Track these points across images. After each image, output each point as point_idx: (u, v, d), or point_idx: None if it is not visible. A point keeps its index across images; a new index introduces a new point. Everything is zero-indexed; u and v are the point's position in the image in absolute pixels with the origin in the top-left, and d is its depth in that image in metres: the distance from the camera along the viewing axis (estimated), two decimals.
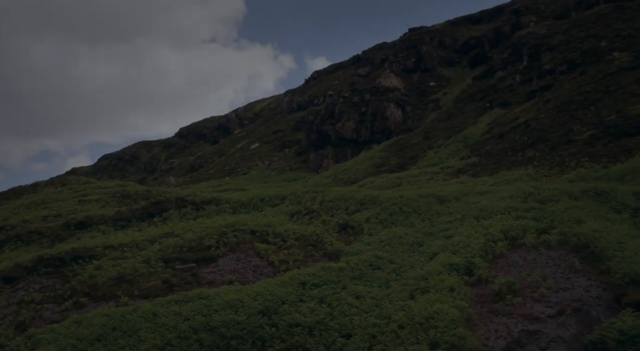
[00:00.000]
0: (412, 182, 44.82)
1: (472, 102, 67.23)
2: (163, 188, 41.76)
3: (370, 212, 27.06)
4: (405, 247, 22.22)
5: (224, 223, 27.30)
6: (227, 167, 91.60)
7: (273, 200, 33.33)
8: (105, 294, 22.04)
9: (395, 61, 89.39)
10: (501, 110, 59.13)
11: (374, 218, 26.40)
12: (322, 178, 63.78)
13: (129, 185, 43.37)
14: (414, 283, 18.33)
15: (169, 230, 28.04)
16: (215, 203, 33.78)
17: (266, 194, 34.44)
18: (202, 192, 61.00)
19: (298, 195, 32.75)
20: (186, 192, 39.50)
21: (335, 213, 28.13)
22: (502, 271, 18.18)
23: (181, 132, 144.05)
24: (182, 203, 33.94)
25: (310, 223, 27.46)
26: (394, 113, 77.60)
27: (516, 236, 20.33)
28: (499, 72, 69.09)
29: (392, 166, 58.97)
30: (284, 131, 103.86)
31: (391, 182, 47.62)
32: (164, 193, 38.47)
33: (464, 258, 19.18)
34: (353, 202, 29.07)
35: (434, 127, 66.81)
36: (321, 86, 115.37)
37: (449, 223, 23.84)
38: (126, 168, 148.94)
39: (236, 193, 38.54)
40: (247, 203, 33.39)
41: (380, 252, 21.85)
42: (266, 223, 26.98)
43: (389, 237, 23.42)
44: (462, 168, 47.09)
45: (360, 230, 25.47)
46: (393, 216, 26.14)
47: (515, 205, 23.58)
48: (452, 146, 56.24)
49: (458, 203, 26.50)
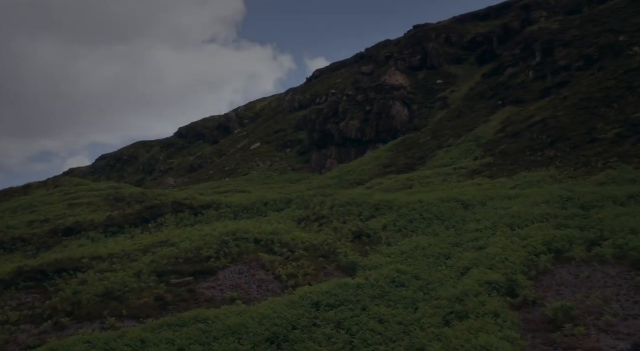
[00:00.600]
0: (424, 184, 42.16)
1: (482, 100, 64.57)
2: (159, 191, 39.15)
3: (387, 218, 24.39)
4: (431, 259, 19.56)
5: (224, 230, 24.65)
6: (227, 168, 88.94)
7: (277, 203, 30.68)
8: (90, 313, 19.40)
9: (400, 58, 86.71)
10: (514, 108, 56.45)
11: (392, 225, 23.74)
12: (327, 179, 61.10)
13: (123, 187, 40.72)
14: (447, 304, 15.66)
15: (163, 237, 25.38)
16: (214, 207, 31.13)
17: (270, 197, 31.80)
18: (201, 194, 58.32)
19: (305, 198, 30.11)
20: (183, 194, 36.85)
21: (347, 219, 25.48)
22: (551, 292, 15.53)
23: (180, 132, 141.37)
24: (178, 207, 31.29)
25: (320, 231, 24.81)
26: (400, 111, 74.90)
27: (562, 248, 17.67)
28: (509, 68, 66.41)
29: (399, 166, 56.29)
30: (285, 130, 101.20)
31: (401, 183, 44.95)
32: (159, 196, 35.83)
33: (503, 275, 16.53)
34: (367, 206, 26.42)
35: (443, 126, 64.15)
36: (323, 84, 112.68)
37: (477, 231, 21.18)
38: (124, 168, 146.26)
39: (237, 196, 35.91)
40: (250, 208, 30.74)
41: (402, 265, 19.20)
42: (271, 231, 24.34)
43: (411, 248, 20.76)
44: (476, 168, 44.43)
45: (377, 239, 22.81)
46: (413, 223, 23.48)
47: (553, 212, 20.91)
48: (463, 145, 53.57)
49: (484, 209, 23.84)
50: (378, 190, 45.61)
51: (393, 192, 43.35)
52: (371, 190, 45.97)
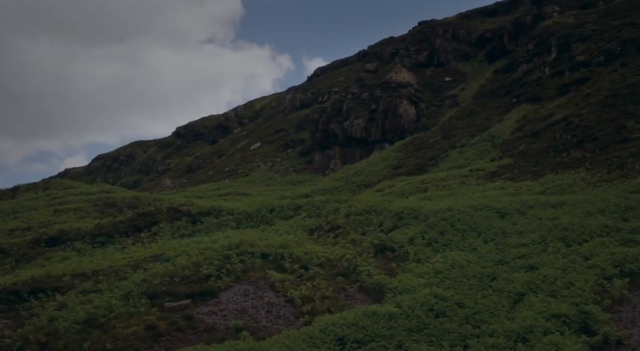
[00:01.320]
0: (440, 187, 39.12)
1: (494, 98, 61.53)
2: (154, 195, 36.00)
3: (414, 230, 21.29)
4: (473, 281, 16.49)
5: (226, 243, 21.55)
6: (227, 168, 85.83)
7: (285, 210, 27.57)
8: (68, 345, 16.35)
9: (407, 55, 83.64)
10: (530, 106, 53.42)
11: (420, 237, 20.63)
12: (332, 181, 58.03)
13: (115, 191, 37.57)
14: (507, 345, 12.57)
15: (157, 251, 22.27)
16: (215, 214, 28.01)
17: (276, 204, 28.67)
18: (200, 196, 55.24)
19: (316, 205, 26.99)
20: (180, 199, 33.73)
21: (366, 230, 22.37)
22: (636, 328, 12.44)
23: (178, 132, 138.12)
24: (175, 214, 28.18)
25: (336, 243, 21.72)
26: (407, 110, 71.84)
27: (637, 270, 14.58)
28: (523, 65, 63.37)
29: (410, 168, 53.23)
30: (286, 130, 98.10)
31: (414, 186, 41.90)
32: (154, 201, 32.69)
33: (572, 305, 13.45)
34: (388, 215, 23.32)
35: (454, 125, 61.11)
36: (325, 83, 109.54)
37: (524, 247, 18.10)
38: (121, 169, 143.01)
39: (239, 202, 32.83)
40: (254, 215, 27.63)
41: (439, 288, 16.13)
42: (280, 243, 21.25)
43: (447, 266, 17.68)
44: (495, 170, 41.40)
45: (404, 255, 19.70)
46: (445, 235, 20.38)
47: (614, 224, 17.84)
48: (478, 146, 50.53)
49: (525, 219, 20.75)
50: (389, 193, 42.59)
51: (407, 195, 40.31)
52: (383, 193, 42.94)
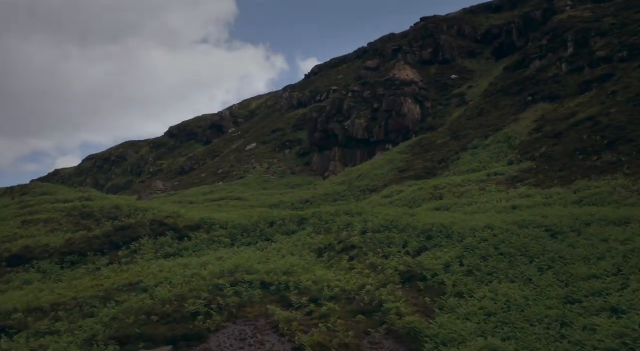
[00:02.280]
0: (457, 194, 35.22)
1: (506, 96, 57.71)
2: (138, 203, 31.97)
3: (448, 253, 17.36)
4: (539, 328, 12.58)
5: (218, 268, 17.62)
6: (221, 170, 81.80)
7: (288, 224, 23.63)
8: None
9: (410, 52, 79.79)
10: (548, 104, 49.63)
11: (457, 263, 16.71)
12: (334, 185, 54.07)
13: (95, 198, 33.54)
14: None
15: (134, 277, 18.29)
16: (205, 228, 24.05)
17: (277, 215, 24.71)
18: (191, 203, 51.26)
19: (324, 218, 23.05)
20: (167, 209, 29.74)
21: (388, 252, 18.44)
22: None
23: (171, 132, 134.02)
24: (159, 228, 24.19)
25: (351, 268, 17.79)
26: (412, 109, 67.99)
27: None
28: (536, 61, 59.59)
29: (418, 171, 49.37)
30: (283, 130, 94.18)
31: (427, 193, 38.00)
32: (137, 211, 28.72)
33: None
34: (413, 233, 19.38)
35: (463, 125, 57.27)
36: (324, 81, 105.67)
37: (596, 279, 14.21)
38: (112, 170, 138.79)
39: (234, 212, 28.94)
40: (251, 230, 23.68)
41: (496, 339, 12.22)
42: (284, 268, 17.34)
43: (500, 305, 13.78)
44: (517, 175, 37.54)
45: (440, 286, 15.78)
46: (488, 261, 16.47)
47: None
48: (493, 147, 46.69)
49: (585, 240, 16.87)
50: (400, 200, 38.73)
51: (420, 203, 36.42)
52: (392, 200, 39.04)
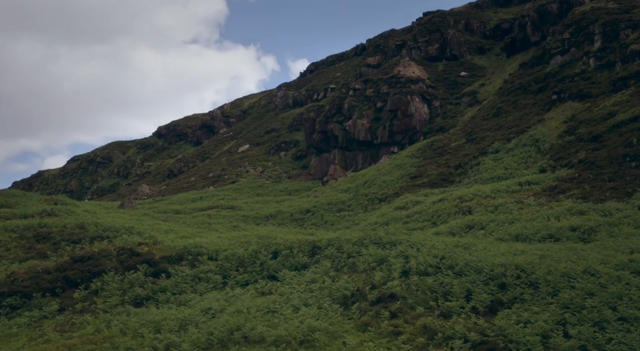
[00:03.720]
0: (490, 208, 29.82)
1: (526, 94, 52.50)
2: (109, 220, 26.33)
3: (541, 315, 11.92)
4: None
5: (204, 332, 12.13)
6: (212, 174, 76.12)
7: (296, 255, 18.14)
8: None
9: (415, 47, 74.43)
10: (578, 103, 44.40)
11: (559, 331, 11.26)
12: (337, 192, 48.62)
13: (59, 213, 27.89)
14: None
15: (85, 345, 12.78)
16: (189, 261, 18.51)
17: (282, 242, 19.20)
18: (177, 212, 45.59)
19: (344, 248, 17.56)
20: (145, 228, 24.18)
21: (447, 308, 12.95)
22: None
23: (159, 132, 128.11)
24: (129, 259, 18.63)
25: (396, 332, 12.35)
26: (419, 108, 62.66)
27: None
28: (557, 56, 54.45)
29: (432, 178, 44.05)
30: (278, 131, 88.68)
31: (451, 205, 32.63)
32: (106, 231, 23.19)
33: None
34: (477, 277, 13.93)
35: (479, 126, 52.02)
36: (320, 79, 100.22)
37: None
38: (98, 171, 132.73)
39: (226, 234, 23.46)
40: (248, 262, 18.19)
41: None
42: (301, 333, 11.92)
43: None
44: (555, 185, 32.24)
45: None
46: (606, 330, 11.05)
47: None
48: (518, 151, 41.41)
49: None
50: (419, 213, 33.35)
51: (444, 218, 31.04)
52: (410, 213, 33.63)
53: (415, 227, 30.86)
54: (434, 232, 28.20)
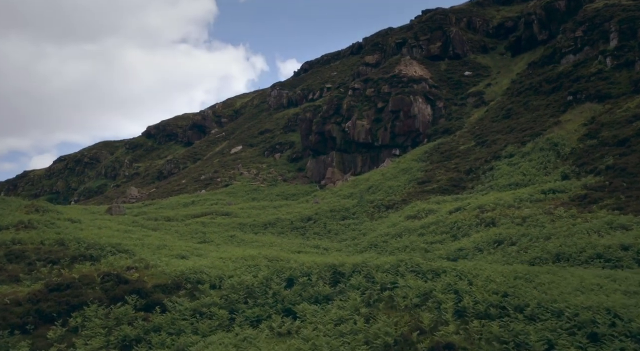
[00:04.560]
0: (517, 219, 27.00)
1: (538, 95, 49.87)
2: (92, 235, 23.20)
3: None
4: None
5: None
6: (204, 176, 72.98)
7: (316, 283, 15.21)
8: None
9: (416, 46, 71.67)
10: (597, 105, 41.78)
11: None
12: (339, 198, 45.74)
13: (37, 225, 24.77)
14: None
15: None
16: (188, 290, 15.53)
17: (298, 266, 16.27)
18: (169, 220, 42.49)
19: (375, 277, 14.65)
20: (134, 244, 21.18)
21: None
22: None
23: (149, 131, 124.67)
24: (115, 288, 15.61)
25: None
26: (423, 109, 59.90)
27: None
28: (568, 55, 51.90)
29: (442, 183, 41.26)
30: (272, 131, 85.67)
31: (470, 215, 29.81)
32: (89, 248, 20.16)
33: None
34: (556, 322, 11.04)
35: (488, 128, 49.33)
36: (316, 78, 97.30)
37: None
38: (85, 172, 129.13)
39: (228, 250, 20.46)
40: (259, 292, 15.24)
41: None
42: None
43: None
44: (585, 194, 29.51)
45: None
46: None
47: None
48: (535, 156, 38.72)
49: None
50: (435, 224, 30.54)
51: (465, 230, 28.22)
52: (425, 224, 30.78)
53: (433, 239, 28.03)
54: (456, 247, 25.41)
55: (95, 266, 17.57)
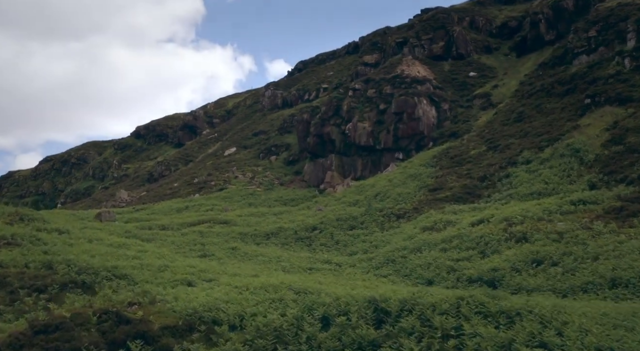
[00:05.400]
0: (551, 235, 24.58)
1: (550, 97, 47.71)
2: (82, 260, 20.38)
3: None
4: None
5: None
6: (197, 179, 70.18)
7: (356, 325, 12.69)
8: None
9: (418, 45, 69.33)
10: (618, 108, 39.61)
11: None
12: (344, 205, 43.22)
13: (21, 244, 22.00)
14: None
15: None
16: (203, 333, 12.90)
17: (330, 301, 13.72)
18: (164, 229, 39.71)
19: (431, 318, 12.16)
20: (133, 266, 18.53)
21: None
22: None
23: (138, 132, 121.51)
24: (114, 330, 12.95)
25: None
26: (427, 111, 57.58)
27: None
28: (581, 56, 49.78)
29: (455, 191, 38.91)
30: (267, 133, 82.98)
31: (497, 229, 27.39)
32: (81, 273, 17.49)
33: None
34: None
35: (499, 132, 47.05)
36: (311, 78, 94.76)
37: None
38: (72, 173, 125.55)
39: (245, 286, 17.94)
40: (289, 336, 12.65)
41: None
42: None
43: None
44: (621, 206, 27.17)
45: None
46: None
47: None
48: (555, 163, 36.45)
49: None
50: (457, 239, 28.11)
51: (494, 247, 25.77)
52: (447, 239, 28.33)
53: (458, 256, 25.60)
54: (489, 266, 22.98)
55: (89, 300, 14.91)
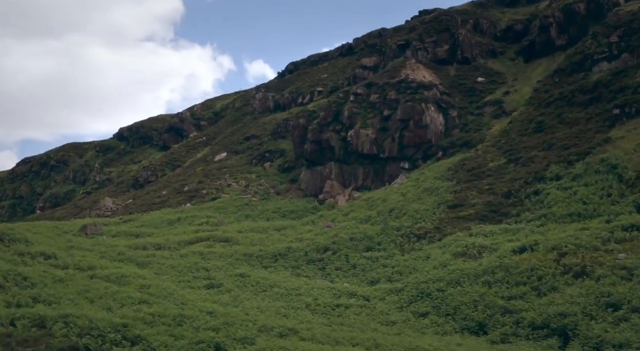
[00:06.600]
0: (617, 272, 21.51)
1: (571, 107, 44.82)
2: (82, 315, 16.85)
3: None
4: None
5: None
6: (187, 187, 66.29)
7: None
8: None
9: (421, 48, 66.20)
10: None
11: None
12: (356, 222, 39.81)
13: (3, 285, 18.34)
14: None
15: None
16: None
17: None
18: (159, 248, 36.06)
19: None
20: (141, 319, 15.09)
21: None
22: None
23: (121, 133, 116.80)
24: None
25: None
26: (435, 119, 54.47)
27: None
28: (602, 63, 47.02)
29: (479, 209, 35.81)
30: (259, 137, 79.27)
31: (547, 260, 24.25)
32: (81, 338, 13.98)
33: None
34: None
35: (518, 143, 44.07)
36: (305, 80, 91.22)
37: None
38: (51, 176, 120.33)
39: None
40: None
41: None
42: None
43: None
44: None
45: None
46: None
47: None
48: (591, 180, 33.45)
49: None
50: (497, 272, 24.97)
51: (548, 281, 22.73)
52: (491, 273, 25.13)
53: (509, 294, 22.43)
54: (553, 310, 19.87)
55: None
